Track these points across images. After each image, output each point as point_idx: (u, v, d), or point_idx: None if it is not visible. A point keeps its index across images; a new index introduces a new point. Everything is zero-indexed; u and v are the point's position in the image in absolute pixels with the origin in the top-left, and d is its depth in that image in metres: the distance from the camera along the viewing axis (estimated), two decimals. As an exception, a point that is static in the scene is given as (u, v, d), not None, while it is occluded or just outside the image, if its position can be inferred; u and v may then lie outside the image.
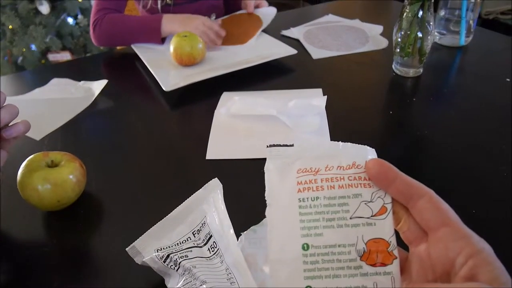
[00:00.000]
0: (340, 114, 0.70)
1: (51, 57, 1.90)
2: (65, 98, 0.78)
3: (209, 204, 0.42)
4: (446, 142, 0.62)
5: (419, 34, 0.75)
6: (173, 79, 0.82)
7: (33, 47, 1.85)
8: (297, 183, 0.25)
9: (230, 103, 0.71)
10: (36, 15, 1.81)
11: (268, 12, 1.07)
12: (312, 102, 0.69)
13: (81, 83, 0.83)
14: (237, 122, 0.68)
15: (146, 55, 0.90)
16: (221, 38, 0.97)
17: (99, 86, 0.79)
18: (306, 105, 0.68)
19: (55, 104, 0.77)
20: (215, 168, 0.59)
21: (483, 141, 0.62)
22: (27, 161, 0.51)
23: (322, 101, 0.68)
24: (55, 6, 1.84)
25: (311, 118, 0.67)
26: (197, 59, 0.86)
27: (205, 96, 0.77)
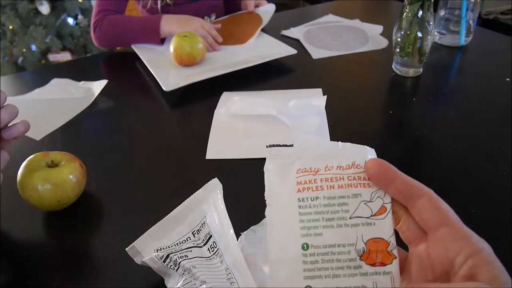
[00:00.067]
0: (340, 114, 0.70)
1: (51, 57, 1.90)
2: (65, 98, 0.79)
3: (209, 204, 0.42)
4: (446, 142, 0.62)
5: (419, 34, 0.75)
6: (173, 79, 0.82)
7: (33, 48, 1.85)
8: (297, 183, 0.26)
9: (230, 103, 0.71)
10: (36, 16, 1.82)
11: (267, 9, 1.07)
12: (312, 102, 0.69)
13: (81, 83, 0.83)
14: (237, 122, 0.68)
15: (146, 55, 0.90)
16: (218, 43, 0.97)
17: (99, 86, 0.79)
18: (306, 105, 0.68)
19: (55, 104, 0.77)
20: (215, 168, 0.59)
21: (483, 141, 0.62)
22: (27, 161, 0.51)
23: (322, 101, 0.68)
24: (55, 6, 1.84)
25: (311, 118, 0.67)
26: (197, 59, 0.86)
27: (205, 96, 0.78)
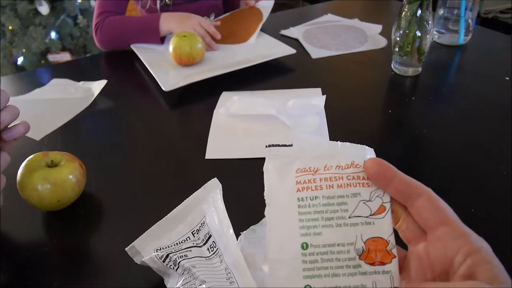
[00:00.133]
0: (339, 113, 0.70)
1: (51, 57, 1.90)
2: (65, 98, 0.79)
3: (209, 203, 0.42)
4: (445, 141, 0.62)
5: (418, 33, 0.75)
6: (173, 79, 0.82)
7: (33, 48, 1.85)
8: (296, 183, 0.26)
9: (229, 103, 0.71)
10: (35, 16, 1.81)
11: (266, 4, 1.07)
12: (311, 101, 0.69)
13: (81, 83, 0.83)
14: (236, 122, 0.68)
15: (145, 55, 0.90)
16: (216, 42, 0.96)
17: (98, 86, 0.79)
18: (305, 104, 0.68)
19: (55, 104, 0.77)
20: (214, 167, 0.59)
21: (482, 140, 0.62)
22: (27, 161, 0.51)
23: (321, 101, 0.68)
24: (55, 6, 1.84)
25: (310, 117, 0.67)
26: (196, 59, 0.86)
27: (205, 96, 0.78)
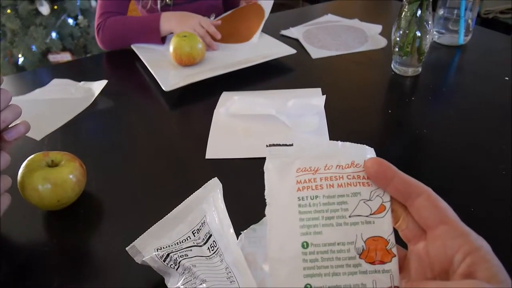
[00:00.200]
0: (339, 113, 0.70)
1: (52, 57, 1.90)
2: (65, 98, 0.79)
3: (209, 203, 0.42)
4: (445, 141, 0.63)
5: (418, 33, 0.75)
6: (173, 79, 0.82)
7: (34, 48, 1.85)
8: (297, 182, 0.26)
9: (229, 103, 0.71)
10: (36, 16, 1.81)
11: (267, 1, 1.06)
12: (311, 101, 0.69)
13: (81, 83, 0.83)
14: (237, 121, 0.68)
15: (146, 55, 0.90)
16: (219, 41, 0.96)
17: (99, 86, 0.79)
18: (305, 104, 0.68)
19: (55, 104, 0.77)
20: (214, 167, 0.59)
21: (482, 140, 0.62)
22: (27, 161, 0.51)
23: (321, 101, 0.69)
24: (55, 6, 1.84)
25: (310, 117, 0.67)
26: (197, 59, 0.87)
27: (205, 96, 0.78)
